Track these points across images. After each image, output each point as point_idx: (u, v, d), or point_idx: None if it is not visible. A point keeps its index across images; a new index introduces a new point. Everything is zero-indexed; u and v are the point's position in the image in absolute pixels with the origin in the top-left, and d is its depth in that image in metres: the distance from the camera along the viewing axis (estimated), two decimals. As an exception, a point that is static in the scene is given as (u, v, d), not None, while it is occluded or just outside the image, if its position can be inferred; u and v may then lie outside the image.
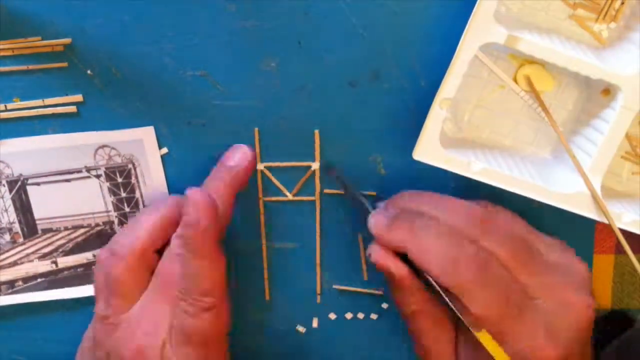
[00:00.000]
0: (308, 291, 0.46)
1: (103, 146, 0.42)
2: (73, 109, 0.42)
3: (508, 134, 0.42)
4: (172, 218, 0.39)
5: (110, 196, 0.43)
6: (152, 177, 0.42)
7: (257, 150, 0.43)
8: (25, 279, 0.44)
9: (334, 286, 0.46)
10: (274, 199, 0.44)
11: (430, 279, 0.36)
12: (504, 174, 0.39)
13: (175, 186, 0.43)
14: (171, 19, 0.40)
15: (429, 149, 0.38)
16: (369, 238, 0.39)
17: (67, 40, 0.40)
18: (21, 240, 0.44)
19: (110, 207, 0.43)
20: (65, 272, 0.44)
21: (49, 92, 0.41)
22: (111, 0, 0.39)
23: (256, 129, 0.42)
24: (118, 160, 0.42)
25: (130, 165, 0.42)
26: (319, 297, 0.46)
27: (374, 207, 0.40)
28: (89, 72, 0.41)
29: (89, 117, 0.42)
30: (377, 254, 0.37)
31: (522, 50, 0.37)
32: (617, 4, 0.39)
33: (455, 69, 0.37)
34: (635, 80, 0.37)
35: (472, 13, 0.36)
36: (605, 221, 0.39)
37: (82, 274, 0.44)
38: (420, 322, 0.38)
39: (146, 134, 0.42)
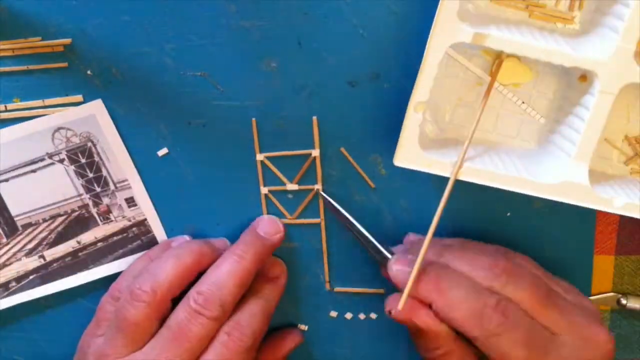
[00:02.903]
0: (309, 290, 0.46)
1: (58, 129, 0.42)
2: (73, 109, 0.42)
3: (492, 129, 0.42)
4: (194, 269, 0.40)
5: (79, 179, 0.43)
6: (113, 151, 0.42)
7: (256, 141, 0.43)
8: (18, 279, 0.44)
9: (335, 287, 0.46)
10: (275, 188, 0.44)
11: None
12: (488, 171, 0.38)
13: (174, 186, 0.44)
14: (171, 19, 0.40)
15: (409, 154, 0.38)
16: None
17: (67, 41, 0.40)
18: (4, 240, 0.44)
19: (82, 190, 0.43)
20: (55, 265, 0.44)
21: (49, 92, 0.41)
22: (111, 0, 0.39)
23: (253, 120, 0.42)
24: (76, 140, 0.42)
25: (89, 144, 0.42)
26: (328, 284, 0.46)
27: (390, 252, 0.41)
28: (89, 72, 0.41)
29: (89, 117, 0.42)
30: (404, 311, 0.38)
31: (491, 47, 0.36)
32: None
33: (425, 71, 0.37)
34: (610, 64, 0.36)
35: (436, 14, 0.36)
36: (598, 207, 0.39)
37: (71, 264, 0.44)
38: None
39: (96, 108, 0.41)
